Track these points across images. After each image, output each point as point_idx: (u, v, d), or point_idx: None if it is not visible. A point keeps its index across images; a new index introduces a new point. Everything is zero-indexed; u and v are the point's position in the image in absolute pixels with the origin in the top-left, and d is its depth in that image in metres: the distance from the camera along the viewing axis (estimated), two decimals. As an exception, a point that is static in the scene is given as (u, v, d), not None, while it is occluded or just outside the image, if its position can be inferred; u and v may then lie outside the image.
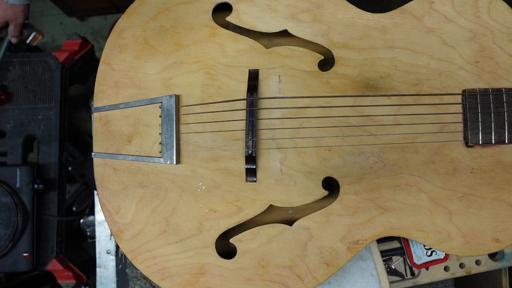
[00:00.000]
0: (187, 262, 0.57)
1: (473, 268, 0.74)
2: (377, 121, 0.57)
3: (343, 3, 0.58)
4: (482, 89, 0.57)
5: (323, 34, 0.57)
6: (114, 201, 0.58)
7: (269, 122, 0.57)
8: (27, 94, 0.95)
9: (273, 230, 0.56)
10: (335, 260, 0.56)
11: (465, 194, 0.56)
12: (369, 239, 0.56)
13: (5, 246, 0.82)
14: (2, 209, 0.82)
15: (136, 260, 0.57)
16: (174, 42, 0.58)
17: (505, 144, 0.57)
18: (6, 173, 0.85)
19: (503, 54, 0.57)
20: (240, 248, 0.56)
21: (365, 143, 0.57)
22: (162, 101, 0.58)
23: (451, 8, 0.57)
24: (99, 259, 0.78)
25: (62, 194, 0.94)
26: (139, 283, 0.76)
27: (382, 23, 0.58)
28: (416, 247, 0.72)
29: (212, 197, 0.57)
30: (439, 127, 0.57)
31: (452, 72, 0.57)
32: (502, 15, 0.57)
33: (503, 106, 0.56)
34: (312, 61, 0.57)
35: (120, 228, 0.58)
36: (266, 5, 0.58)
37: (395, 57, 0.57)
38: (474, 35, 0.57)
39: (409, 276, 0.74)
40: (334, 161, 0.57)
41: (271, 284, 0.56)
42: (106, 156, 0.58)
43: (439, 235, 0.56)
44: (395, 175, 0.57)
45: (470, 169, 0.57)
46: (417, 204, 0.56)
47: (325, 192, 0.57)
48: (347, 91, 0.57)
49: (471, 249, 0.56)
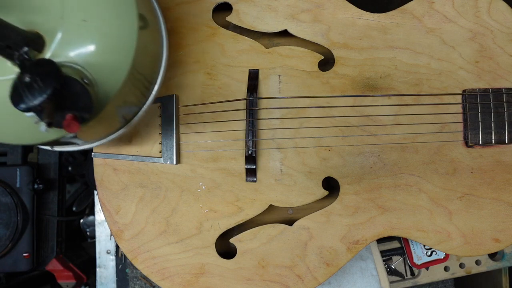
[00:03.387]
0: (187, 262, 0.57)
1: (473, 268, 0.74)
2: (377, 121, 0.57)
3: (343, 3, 0.58)
4: (482, 89, 0.57)
5: (323, 34, 0.57)
6: (114, 201, 0.58)
7: (269, 122, 0.57)
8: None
9: (273, 230, 0.56)
10: (335, 260, 0.56)
11: (465, 194, 0.56)
12: (369, 239, 0.56)
13: (5, 246, 0.82)
14: (2, 209, 0.82)
15: (136, 260, 0.57)
16: (174, 42, 0.58)
17: (505, 144, 0.57)
18: (6, 173, 0.85)
19: (503, 54, 0.57)
20: (240, 248, 0.56)
21: (365, 143, 0.57)
22: (162, 101, 0.58)
23: (451, 8, 0.57)
24: (99, 259, 0.78)
25: (62, 194, 0.94)
26: (139, 283, 0.76)
27: (382, 23, 0.58)
28: (416, 247, 0.72)
29: (212, 197, 0.57)
30: (439, 127, 0.57)
31: (452, 72, 0.57)
32: (502, 15, 0.57)
33: (503, 106, 0.56)
34: (312, 61, 0.57)
35: (120, 228, 0.58)
36: (266, 5, 0.58)
37: (395, 57, 0.57)
38: (474, 35, 0.57)
39: (409, 276, 0.74)
40: (334, 161, 0.57)
41: (271, 284, 0.56)
42: (106, 156, 0.58)
43: (439, 235, 0.56)
44: (395, 175, 0.56)
45: (470, 169, 0.57)
46: (417, 204, 0.56)
47: (325, 192, 0.57)
48: (347, 91, 0.57)
49: (471, 249, 0.56)
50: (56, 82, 0.31)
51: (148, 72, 0.47)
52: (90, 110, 0.35)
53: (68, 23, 0.38)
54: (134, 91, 0.45)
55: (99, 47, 0.39)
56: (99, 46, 0.39)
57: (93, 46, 0.38)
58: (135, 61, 0.41)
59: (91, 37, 0.38)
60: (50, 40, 0.38)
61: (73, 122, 0.32)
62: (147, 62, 0.46)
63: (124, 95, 0.42)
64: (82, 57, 0.38)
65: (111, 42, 0.39)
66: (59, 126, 0.33)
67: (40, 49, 0.37)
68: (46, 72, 0.32)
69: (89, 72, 0.38)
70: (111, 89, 0.40)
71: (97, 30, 0.39)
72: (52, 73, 0.32)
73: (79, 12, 0.38)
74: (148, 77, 0.48)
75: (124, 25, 0.40)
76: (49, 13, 0.38)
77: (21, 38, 0.34)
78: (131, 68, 0.40)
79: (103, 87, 0.39)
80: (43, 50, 0.37)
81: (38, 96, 0.31)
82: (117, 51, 0.40)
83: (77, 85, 0.34)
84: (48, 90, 0.31)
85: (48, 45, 0.38)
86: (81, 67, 0.38)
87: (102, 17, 0.39)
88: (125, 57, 0.40)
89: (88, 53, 0.38)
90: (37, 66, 0.33)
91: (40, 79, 0.31)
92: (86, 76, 0.38)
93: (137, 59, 0.41)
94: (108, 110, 0.41)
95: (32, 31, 0.37)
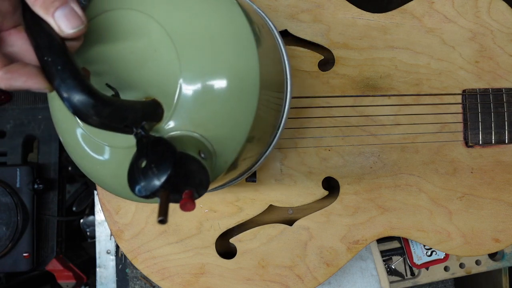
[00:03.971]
0: (187, 262, 0.57)
1: (473, 268, 0.74)
2: (377, 121, 0.57)
3: (343, 3, 0.58)
4: (482, 89, 0.57)
5: (323, 34, 0.57)
6: (114, 201, 0.58)
7: (269, 122, 0.57)
8: (27, 94, 0.95)
9: (273, 230, 0.56)
10: (335, 260, 0.56)
11: (465, 194, 0.56)
12: (369, 239, 0.56)
13: (5, 246, 0.82)
14: (2, 209, 0.82)
15: (136, 260, 0.57)
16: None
17: (505, 144, 0.57)
18: (6, 173, 0.85)
19: (503, 54, 0.57)
20: (240, 248, 0.56)
21: (365, 143, 0.57)
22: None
23: (451, 8, 0.57)
24: (99, 259, 0.78)
25: (62, 194, 0.94)
26: (139, 283, 0.76)
27: (382, 23, 0.58)
28: (416, 247, 0.72)
29: (212, 197, 0.57)
30: (439, 127, 0.57)
31: (452, 72, 0.57)
32: (502, 15, 0.57)
33: (503, 106, 0.56)
34: (312, 61, 0.57)
35: (120, 228, 0.57)
36: (266, 5, 0.58)
37: (395, 57, 0.57)
38: (474, 35, 0.57)
39: (409, 276, 0.74)
40: (334, 161, 0.57)
41: (271, 284, 0.56)
42: (106, 156, 0.58)
43: (439, 235, 0.56)
44: (395, 175, 0.56)
45: (470, 169, 0.57)
46: (417, 204, 0.56)
47: (325, 192, 0.57)
48: (347, 91, 0.57)
49: (471, 249, 0.56)
50: (171, 169, 0.29)
51: (271, 127, 0.43)
52: (206, 186, 0.32)
53: (187, 85, 0.34)
54: (254, 149, 0.41)
55: (221, 111, 0.34)
56: (221, 110, 0.34)
57: (214, 111, 0.34)
58: (256, 121, 0.36)
59: (213, 101, 0.34)
60: (168, 107, 0.34)
61: (189, 201, 0.30)
62: (270, 117, 0.42)
63: (243, 157, 0.39)
64: (202, 124, 0.34)
65: (233, 105, 0.35)
66: (175, 202, 0.30)
67: (158, 119, 0.34)
68: (161, 157, 0.29)
69: (208, 141, 0.34)
70: (229, 157, 0.36)
71: (219, 94, 0.34)
72: (168, 158, 0.29)
73: (200, 74, 0.34)
74: (271, 130, 0.44)
75: (248, 79, 0.35)
76: (167, 76, 0.34)
77: (139, 114, 0.32)
78: (250, 131, 0.36)
79: (221, 156, 0.35)
80: (162, 120, 0.34)
81: (153, 184, 0.29)
82: (238, 113, 0.35)
83: (194, 163, 0.31)
84: (163, 178, 0.29)
85: (167, 112, 0.34)
86: (200, 135, 0.34)
87: (224, 76, 0.34)
88: (245, 119, 0.36)
89: (209, 119, 0.34)
90: (153, 147, 0.30)
91: (155, 166, 0.29)
92: (205, 148, 0.34)
93: (258, 117, 0.37)
94: (225, 176, 0.38)
95: (149, 99, 0.34)
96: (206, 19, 0.35)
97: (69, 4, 0.30)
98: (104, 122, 0.29)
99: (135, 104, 0.32)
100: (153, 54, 0.34)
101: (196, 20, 0.34)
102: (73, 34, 0.30)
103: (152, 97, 0.34)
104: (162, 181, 0.29)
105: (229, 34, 0.35)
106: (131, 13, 0.35)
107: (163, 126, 0.34)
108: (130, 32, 0.35)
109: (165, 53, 0.34)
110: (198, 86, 0.34)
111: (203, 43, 0.34)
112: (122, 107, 0.30)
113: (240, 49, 0.35)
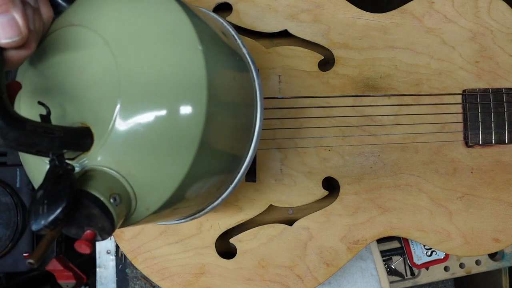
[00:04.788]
0: (187, 262, 0.57)
1: (473, 268, 0.74)
2: (377, 121, 0.57)
3: (343, 3, 0.58)
4: (482, 89, 0.57)
5: (323, 34, 0.57)
6: (114, 201, 0.58)
7: (269, 122, 0.57)
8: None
9: (273, 230, 0.56)
10: (335, 260, 0.56)
11: (465, 194, 0.56)
12: (369, 239, 0.56)
13: (5, 246, 0.82)
14: (2, 209, 0.82)
15: (136, 260, 0.57)
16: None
17: (505, 144, 0.57)
18: (6, 173, 0.85)
19: (503, 54, 0.57)
20: (240, 248, 0.56)
21: (365, 143, 0.57)
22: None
23: (451, 8, 0.57)
24: (99, 259, 0.78)
25: (62, 194, 0.94)
26: (139, 283, 0.76)
27: (382, 23, 0.58)
28: (416, 247, 0.72)
29: (212, 197, 0.57)
30: (439, 127, 0.57)
31: (452, 72, 0.57)
32: (502, 15, 0.57)
33: (503, 106, 0.56)
34: (312, 61, 0.57)
35: (120, 228, 0.57)
36: (266, 5, 0.58)
37: (395, 57, 0.57)
38: (474, 35, 0.57)
39: (409, 276, 0.74)
40: (334, 161, 0.57)
41: (271, 284, 0.56)
42: (106, 156, 0.58)
43: (439, 235, 0.56)
44: (395, 175, 0.57)
45: (470, 169, 0.57)
46: (417, 204, 0.56)
47: (325, 192, 0.57)
48: (347, 91, 0.57)
49: (471, 249, 0.56)
50: (60, 212, 0.27)
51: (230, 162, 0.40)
52: (108, 232, 0.30)
53: (122, 115, 0.31)
54: (199, 192, 0.38)
55: (150, 158, 0.32)
56: (150, 157, 0.32)
57: (143, 155, 0.32)
58: (193, 172, 0.34)
59: (144, 145, 0.32)
60: (99, 137, 0.32)
61: (85, 243, 0.28)
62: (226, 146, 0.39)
63: (177, 205, 0.36)
64: (128, 166, 0.32)
65: (165, 155, 0.32)
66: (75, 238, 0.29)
67: (85, 149, 0.32)
68: (56, 195, 0.27)
69: (130, 184, 0.32)
70: (153, 204, 0.34)
71: (152, 139, 0.32)
72: (61, 198, 0.27)
73: (137, 105, 0.31)
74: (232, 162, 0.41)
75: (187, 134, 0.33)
76: (106, 100, 0.32)
77: (56, 143, 0.29)
78: (183, 182, 0.34)
79: (143, 202, 0.34)
80: (90, 150, 0.32)
81: (39, 221, 0.27)
82: (169, 165, 0.33)
83: (97, 208, 0.29)
84: (49, 218, 0.27)
85: (97, 142, 0.32)
86: (122, 176, 0.32)
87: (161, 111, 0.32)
88: (176, 171, 0.33)
89: (135, 162, 0.32)
90: (56, 181, 0.28)
91: (47, 203, 0.27)
92: (122, 191, 0.32)
93: (198, 166, 0.34)
94: (160, 214, 0.36)
95: (84, 125, 0.32)
96: (154, 53, 0.33)
97: (10, 13, 0.28)
98: (11, 145, 0.28)
99: (56, 130, 0.30)
100: (95, 75, 0.33)
101: (143, 51, 0.33)
102: (7, 44, 0.29)
103: (87, 125, 0.32)
104: (48, 221, 0.27)
105: (178, 73, 0.33)
106: (80, 29, 0.34)
107: (88, 157, 0.32)
108: (76, 46, 0.34)
109: (108, 77, 0.32)
110: (133, 120, 0.31)
111: (149, 80, 0.32)
112: (35, 132, 0.28)
113: (188, 93, 0.33)
